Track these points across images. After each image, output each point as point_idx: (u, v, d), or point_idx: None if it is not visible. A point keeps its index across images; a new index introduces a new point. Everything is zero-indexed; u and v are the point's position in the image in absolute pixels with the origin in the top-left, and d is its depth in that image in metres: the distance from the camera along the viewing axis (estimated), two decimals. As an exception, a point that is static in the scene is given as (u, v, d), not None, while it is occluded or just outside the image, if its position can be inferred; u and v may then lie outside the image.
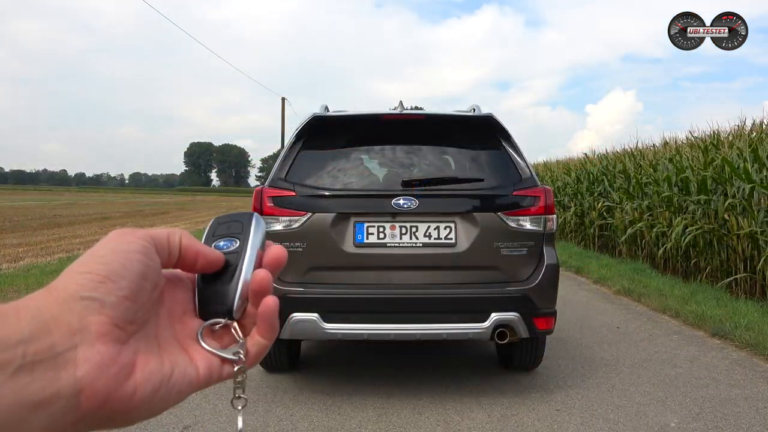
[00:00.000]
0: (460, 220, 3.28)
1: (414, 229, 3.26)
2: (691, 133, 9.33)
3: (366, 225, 3.26)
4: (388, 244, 3.24)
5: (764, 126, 7.69)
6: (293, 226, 3.23)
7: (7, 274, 8.09)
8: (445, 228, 3.27)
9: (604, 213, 10.75)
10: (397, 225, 3.26)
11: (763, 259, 5.85)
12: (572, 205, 12.41)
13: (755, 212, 6.12)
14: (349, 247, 3.22)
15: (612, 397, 3.42)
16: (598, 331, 5.02)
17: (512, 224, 3.28)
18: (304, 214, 3.23)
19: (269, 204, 3.28)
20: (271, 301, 0.43)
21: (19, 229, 17.65)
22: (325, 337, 3.20)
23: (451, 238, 3.26)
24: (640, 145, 11.54)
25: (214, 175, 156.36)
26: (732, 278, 6.39)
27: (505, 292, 3.25)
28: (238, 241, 0.46)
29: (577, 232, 12.42)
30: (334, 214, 3.23)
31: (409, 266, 3.25)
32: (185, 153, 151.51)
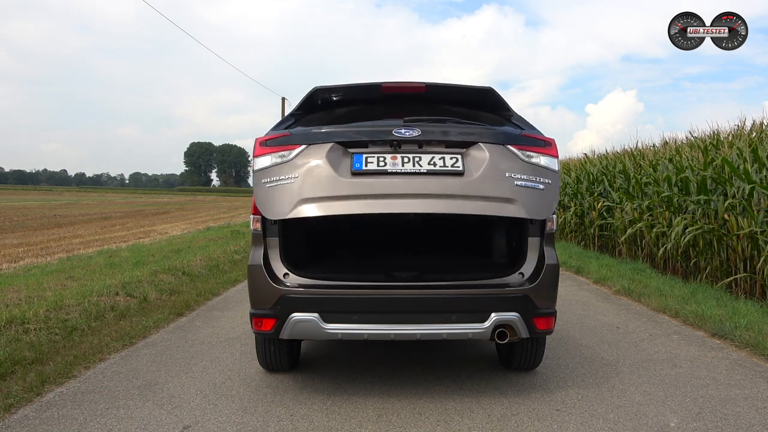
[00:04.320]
0: (467, 151, 3.13)
1: (417, 159, 3.09)
2: (690, 133, 9.35)
3: (365, 155, 3.11)
4: (389, 171, 3.06)
5: (764, 126, 7.69)
6: (286, 158, 3.07)
7: (7, 274, 8.09)
8: (451, 158, 3.11)
9: (604, 213, 10.75)
10: (399, 155, 3.08)
11: (763, 259, 5.85)
12: (572, 205, 12.41)
13: (755, 212, 6.12)
14: (345, 175, 3.05)
15: (612, 397, 3.42)
16: (598, 331, 5.02)
17: (524, 158, 3.12)
18: (298, 147, 3.10)
19: (261, 147, 3.14)
20: None
21: (19, 229, 17.64)
22: (325, 337, 3.19)
23: (459, 167, 3.09)
24: (640, 145, 11.56)
25: (214, 175, 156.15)
26: (732, 278, 6.39)
27: (505, 292, 3.25)
28: None
29: (577, 232, 12.42)
30: (330, 144, 3.08)
31: (412, 194, 3.02)
32: (185, 153, 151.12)
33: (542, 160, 3.16)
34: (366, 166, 3.09)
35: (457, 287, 3.28)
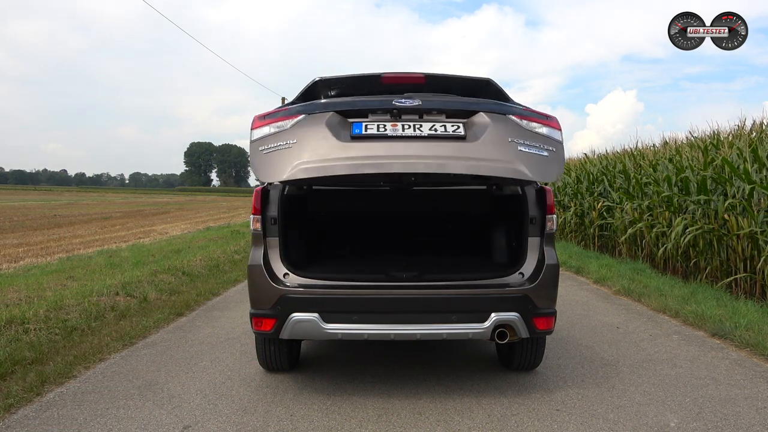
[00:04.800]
0: (468, 120, 3.11)
1: (418, 126, 3.06)
2: (690, 133, 9.34)
3: (365, 123, 3.09)
4: (389, 135, 3.02)
5: (764, 126, 7.69)
6: (284, 127, 3.04)
7: (7, 274, 8.09)
8: (452, 125, 3.08)
9: (604, 213, 10.74)
10: (399, 123, 3.06)
11: (763, 259, 5.85)
12: (572, 205, 12.41)
13: (755, 212, 6.11)
14: (344, 139, 3.00)
15: (612, 397, 3.42)
16: (598, 331, 5.02)
17: (527, 127, 3.09)
18: (297, 117, 3.07)
19: (259, 120, 3.11)
20: None
21: (19, 229, 17.63)
22: (325, 337, 3.20)
23: (461, 132, 3.06)
24: (640, 145, 11.56)
25: (214, 175, 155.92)
26: (732, 278, 6.39)
27: (505, 292, 3.25)
28: None
29: (577, 232, 12.42)
30: (330, 114, 3.07)
31: (413, 155, 2.98)
32: (185, 153, 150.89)
33: (545, 130, 3.13)
34: (366, 131, 3.06)
35: (457, 287, 3.28)
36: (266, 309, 3.22)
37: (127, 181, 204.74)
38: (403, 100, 3.09)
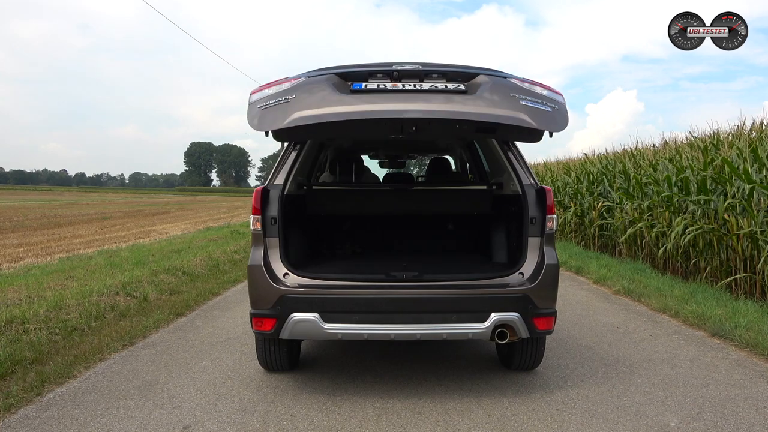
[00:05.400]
0: (469, 81, 3.12)
1: (419, 85, 3.08)
2: (690, 133, 9.34)
3: (364, 84, 3.10)
4: (389, 89, 3.04)
5: (764, 126, 7.69)
6: (283, 88, 3.04)
7: (7, 274, 8.09)
8: (452, 84, 3.10)
9: (604, 213, 10.75)
10: (399, 83, 3.08)
11: (763, 259, 5.85)
12: (572, 205, 12.41)
13: (755, 212, 6.11)
14: (344, 92, 3.00)
15: (612, 397, 3.42)
16: (598, 331, 5.02)
17: (527, 87, 3.11)
18: (297, 79, 3.10)
19: (260, 87, 3.12)
20: None
21: (19, 229, 17.62)
22: (325, 337, 3.20)
23: (462, 88, 3.07)
24: (640, 145, 11.55)
25: (214, 175, 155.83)
26: (732, 278, 6.39)
27: (505, 291, 3.25)
28: None
29: (577, 232, 12.42)
30: (330, 75, 3.10)
31: (413, 102, 2.97)
32: (185, 153, 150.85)
33: (546, 92, 3.11)
34: (365, 87, 3.05)
35: (456, 287, 3.28)
36: (266, 309, 3.23)
37: (127, 181, 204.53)
38: (403, 63, 3.11)
